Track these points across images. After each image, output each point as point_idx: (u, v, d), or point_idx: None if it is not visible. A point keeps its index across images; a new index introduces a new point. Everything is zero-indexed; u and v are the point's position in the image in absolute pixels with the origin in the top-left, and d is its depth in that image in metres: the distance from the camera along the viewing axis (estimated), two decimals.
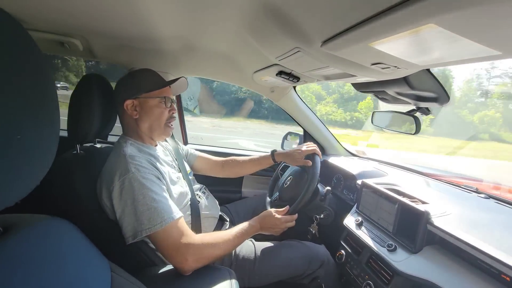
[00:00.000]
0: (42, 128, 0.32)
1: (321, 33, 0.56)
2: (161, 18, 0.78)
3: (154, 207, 0.70)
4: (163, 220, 0.69)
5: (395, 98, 0.97)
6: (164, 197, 0.74)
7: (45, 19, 0.86)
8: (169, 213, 0.71)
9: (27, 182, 0.31)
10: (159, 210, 0.70)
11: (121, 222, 0.72)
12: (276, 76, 1.08)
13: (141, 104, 0.86)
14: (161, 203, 0.72)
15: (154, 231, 0.69)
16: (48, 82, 0.32)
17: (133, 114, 0.85)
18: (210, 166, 1.26)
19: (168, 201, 0.74)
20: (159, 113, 0.87)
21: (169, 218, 0.70)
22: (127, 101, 0.84)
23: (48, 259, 0.35)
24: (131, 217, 0.70)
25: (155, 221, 0.69)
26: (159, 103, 0.87)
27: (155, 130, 0.89)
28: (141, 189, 0.71)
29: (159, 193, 0.73)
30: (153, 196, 0.71)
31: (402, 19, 0.37)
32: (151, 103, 0.86)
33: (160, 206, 0.71)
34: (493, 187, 1.04)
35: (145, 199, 0.70)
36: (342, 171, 1.29)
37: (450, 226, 0.70)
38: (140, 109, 0.86)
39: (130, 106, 0.85)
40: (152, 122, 0.87)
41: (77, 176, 0.85)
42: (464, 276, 0.63)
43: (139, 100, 0.85)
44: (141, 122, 0.87)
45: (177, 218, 0.73)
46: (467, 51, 0.43)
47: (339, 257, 0.99)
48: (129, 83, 0.87)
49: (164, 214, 0.70)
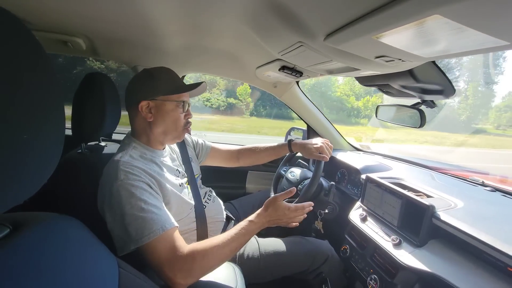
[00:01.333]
0: (48, 127, 0.32)
1: (324, 27, 0.56)
2: (163, 14, 0.78)
3: (142, 218, 0.64)
4: (151, 232, 0.64)
5: (399, 91, 0.96)
6: (155, 206, 0.68)
7: (48, 19, 0.87)
8: (159, 224, 0.65)
9: (35, 181, 0.32)
10: (147, 221, 0.64)
11: (111, 233, 0.67)
12: (279, 71, 1.07)
13: (158, 107, 0.80)
14: (150, 213, 0.66)
15: (141, 244, 0.63)
16: (53, 81, 0.33)
17: (148, 116, 0.79)
18: (224, 157, 1.23)
19: (160, 211, 0.69)
20: (176, 118, 0.82)
21: (158, 229, 0.64)
22: (143, 102, 0.78)
23: (57, 256, 0.35)
24: (119, 228, 0.65)
25: (142, 233, 0.63)
26: (176, 107, 0.82)
27: (169, 134, 0.84)
28: (129, 198, 0.66)
29: (149, 202, 0.67)
30: (141, 206, 0.66)
31: (407, 10, 0.36)
32: (168, 107, 0.81)
33: (149, 217, 0.65)
34: (499, 180, 1.02)
35: (132, 209, 0.65)
36: (346, 165, 1.29)
37: (455, 219, 0.70)
38: (155, 111, 0.80)
39: (145, 107, 0.79)
40: (167, 127, 0.82)
41: (82, 174, 0.86)
42: (469, 270, 0.62)
43: (156, 102, 0.79)
44: (155, 125, 0.81)
45: (168, 230, 0.66)
46: (474, 42, 0.42)
47: (343, 251, 0.99)
48: (146, 83, 0.80)
49: (153, 225, 0.64)
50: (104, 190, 0.70)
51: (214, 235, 0.93)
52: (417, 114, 0.98)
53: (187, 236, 0.84)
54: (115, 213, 0.66)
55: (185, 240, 0.83)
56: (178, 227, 0.71)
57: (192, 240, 0.86)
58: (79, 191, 0.85)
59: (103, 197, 0.70)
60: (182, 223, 0.83)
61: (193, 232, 0.86)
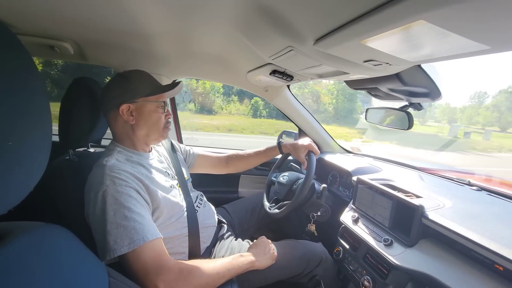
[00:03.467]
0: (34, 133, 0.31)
1: (313, 31, 0.57)
2: (152, 18, 0.77)
3: (124, 226, 0.63)
4: (131, 242, 0.62)
5: (388, 94, 0.98)
6: (140, 214, 0.66)
7: (34, 24, 0.85)
8: (140, 234, 0.63)
9: (20, 189, 0.31)
10: (128, 230, 0.63)
11: (95, 239, 0.66)
12: (270, 75, 1.08)
13: (139, 109, 0.80)
14: (132, 221, 0.64)
15: (120, 254, 0.61)
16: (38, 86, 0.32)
17: (129, 119, 0.80)
18: (213, 164, 1.23)
19: (144, 220, 0.67)
20: (157, 118, 0.83)
21: (139, 240, 0.63)
22: (123, 105, 0.78)
23: (44, 266, 0.34)
24: (100, 235, 0.64)
25: (122, 242, 0.62)
26: (156, 108, 0.83)
27: (152, 135, 0.85)
28: (113, 205, 0.65)
29: (133, 210, 0.66)
30: (124, 214, 0.64)
31: (393, 16, 0.38)
32: (149, 108, 0.82)
33: (131, 225, 0.63)
34: (484, 180, 1.06)
35: (115, 216, 0.64)
36: (338, 168, 1.30)
37: (444, 219, 0.72)
38: (137, 114, 0.80)
39: (126, 110, 0.79)
40: (149, 128, 0.83)
41: (70, 182, 0.84)
42: (458, 267, 0.64)
43: (136, 104, 0.80)
44: (137, 128, 0.81)
45: (150, 240, 0.64)
46: (457, 46, 0.44)
47: (336, 253, 1.00)
48: (125, 86, 0.79)
49: (134, 235, 0.63)
50: (89, 196, 0.69)
51: (206, 241, 0.92)
52: (405, 117, 1.01)
53: (178, 243, 0.83)
54: (98, 220, 0.65)
55: (177, 247, 0.82)
56: (162, 237, 0.70)
57: (184, 247, 0.84)
58: (67, 199, 0.82)
59: (88, 204, 0.68)
60: (174, 228, 0.81)
61: (184, 238, 0.84)
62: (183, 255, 0.84)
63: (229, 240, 1.00)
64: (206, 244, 0.92)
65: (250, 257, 0.82)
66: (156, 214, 0.76)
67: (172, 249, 0.80)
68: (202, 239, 0.90)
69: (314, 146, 1.14)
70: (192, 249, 0.85)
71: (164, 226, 0.78)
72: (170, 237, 0.80)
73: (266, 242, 0.92)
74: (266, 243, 0.91)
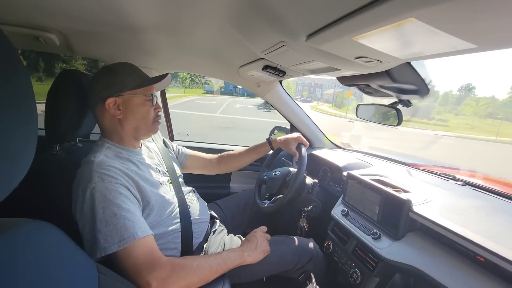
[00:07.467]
0: (18, 127, 0.30)
1: (305, 27, 0.57)
2: (141, 9, 0.75)
3: (113, 224, 0.62)
4: (122, 239, 0.61)
5: (378, 91, 0.99)
6: (129, 211, 0.65)
7: (16, 12, 0.81)
8: (130, 231, 0.63)
9: (5, 185, 0.30)
10: (118, 228, 0.62)
11: (82, 237, 0.64)
12: (262, 70, 1.07)
13: (125, 103, 0.78)
14: (122, 218, 0.63)
15: (110, 252, 0.60)
16: (22, 78, 0.31)
17: (116, 114, 0.78)
18: (204, 164, 1.23)
19: (135, 217, 0.66)
20: (146, 111, 0.81)
21: (129, 237, 0.62)
22: (109, 99, 0.76)
23: (30, 263, 0.33)
24: (89, 233, 0.63)
25: (112, 240, 0.61)
26: (144, 101, 0.81)
27: (141, 129, 0.83)
28: (102, 202, 0.63)
29: (123, 207, 0.65)
30: (114, 211, 0.63)
31: (384, 13, 0.38)
32: (137, 101, 0.80)
33: (121, 223, 0.62)
34: (469, 175, 1.09)
35: (104, 214, 0.63)
36: (329, 163, 1.32)
37: (430, 212, 0.74)
38: (124, 108, 0.78)
39: (112, 104, 0.77)
40: (138, 122, 0.81)
41: (57, 177, 0.82)
42: (443, 259, 0.66)
43: (123, 98, 0.78)
44: (125, 122, 0.79)
45: (141, 238, 0.63)
46: (446, 45, 0.45)
47: (326, 247, 1.02)
48: (111, 79, 0.77)
49: (124, 233, 0.62)
50: (77, 193, 0.67)
51: (199, 237, 0.92)
52: (395, 113, 1.03)
53: (171, 238, 0.82)
54: (86, 217, 0.64)
55: (169, 243, 0.82)
56: (153, 234, 0.69)
57: (177, 243, 0.84)
58: (54, 195, 0.80)
59: (76, 201, 0.67)
60: (165, 224, 0.80)
61: (177, 233, 0.83)
62: (176, 250, 0.83)
63: (221, 236, 1.00)
64: (198, 240, 0.92)
65: (242, 252, 0.83)
66: (146, 211, 0.75)
67: (165, 245, 0.80)
68: (195, 234, 0.90)
69: (302, 138, 1.15)
70: (185, 245, 0.85)
71: (156, 223, 0.77)
72: (163, 233, 0.79)
73: (258, 235, 0.91)
74: (258, 237, 0.91)
